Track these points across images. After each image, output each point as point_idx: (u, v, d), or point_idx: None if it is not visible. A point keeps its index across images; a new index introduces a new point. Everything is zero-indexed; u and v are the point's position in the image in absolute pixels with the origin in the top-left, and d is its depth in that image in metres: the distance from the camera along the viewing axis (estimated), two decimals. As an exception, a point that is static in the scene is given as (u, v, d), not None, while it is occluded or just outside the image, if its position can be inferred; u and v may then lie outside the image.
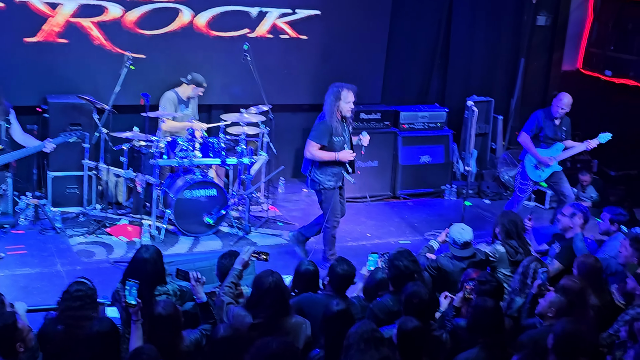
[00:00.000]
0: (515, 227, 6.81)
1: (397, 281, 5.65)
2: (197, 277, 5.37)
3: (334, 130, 7.72)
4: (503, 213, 7.12)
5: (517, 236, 6.79)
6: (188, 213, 8.61)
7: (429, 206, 10.45)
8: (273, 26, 10.24)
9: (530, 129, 8.96)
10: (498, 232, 6.83)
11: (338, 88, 7.74)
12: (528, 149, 8.94)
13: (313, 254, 8.06)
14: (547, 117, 8.91)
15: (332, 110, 7.71)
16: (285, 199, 10.32)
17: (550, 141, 8.93)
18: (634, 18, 11.51)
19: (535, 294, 5.76)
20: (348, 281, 5.65)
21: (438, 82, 11.70)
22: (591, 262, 5.97)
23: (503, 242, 6.76)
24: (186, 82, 9.31)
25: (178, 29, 9.77)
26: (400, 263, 5.68)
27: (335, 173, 7.82)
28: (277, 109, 9.76)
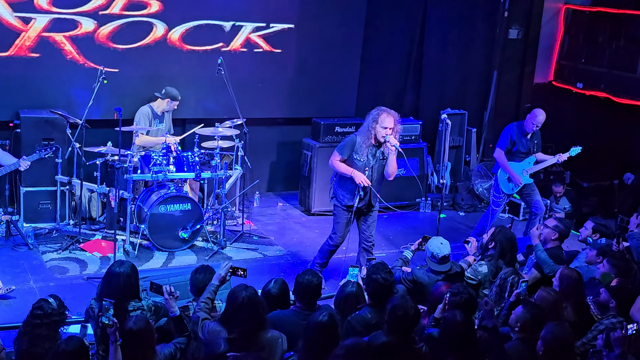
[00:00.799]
0: (511, 246, 6.70)
1: (375, 294, 5.64)
2: (170, 290, 5.33)
3: (358, 147, 7.45)
4: (500, 230, 6.86)
5: (510, 256, 6.70)
6: (162, 228, 8.55)
7: (404, 219, 10.46)
8: (247, 40, 10.24)
9: (504, 144, 9.03)
10: (492, 248, 6.69)
11: (379, 110, 7.43)
12: (503, 165, 9.02)
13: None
14: (520, 132, 8.99)
15: (366, 130, 7.44)
16: (260, 212, 10.29)
17: (523, 155, 9.02)
18: (603, 31, 11.65)
19: (512, 302, 5.79)
20: (312, 290, 5.54)
21: (412, 95, 11.75)
22: (573, 275, 6.00)
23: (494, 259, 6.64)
24: (161, 96, 9.28)
25: (152, 43, 9.74)
26: (378, 276, 5.67)
27: (351, 190, 7.56)
28: (251, 123, 9.75)
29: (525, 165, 9.02)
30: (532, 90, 12.37)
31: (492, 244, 6.69)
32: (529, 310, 5.29)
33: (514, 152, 9.01)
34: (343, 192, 7.62)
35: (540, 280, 6.79)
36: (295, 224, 10.03)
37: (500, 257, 6.68)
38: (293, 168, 10.93)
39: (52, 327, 4.97)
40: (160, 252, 8.58)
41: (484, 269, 6.60)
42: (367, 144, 7.44)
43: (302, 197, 10.55)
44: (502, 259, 6.67)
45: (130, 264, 5.51)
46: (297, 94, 10.77)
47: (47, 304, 5.02)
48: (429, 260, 6.54)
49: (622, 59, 11.34)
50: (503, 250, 6.68)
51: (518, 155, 9.01)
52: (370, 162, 7.50)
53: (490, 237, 6.74)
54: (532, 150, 9.06)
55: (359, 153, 7.47)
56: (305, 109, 10.83)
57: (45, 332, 4.90)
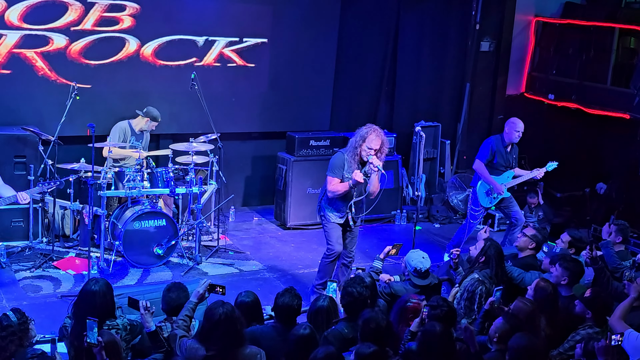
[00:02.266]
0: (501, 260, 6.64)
1: (351, 308, 5.61)
2: (146, 305, 5.29)
3: (347, 165, 7.43)
4: (491, 244, 6.71)
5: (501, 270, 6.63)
6: (137, 244, 8.48)
7: (379, 231, 10.47)
8: (220, 55, 10.22)
9: (484, 155, 9.04)
10: (482, 262, 6.61)
11: (369, 129, 7.41)
12: (483, 176, 9.02)
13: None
14: (500, 144, 9.02)
15: (353, 147, 7.43)
16: (236, 227, 10.25)
17: (502, 168, 9.05)
18: (574, 43, 11.78)
19: (487, 310, 5.78)
20: (290, 312, 5.50)
21: (386, 108, 11.78)
22: (548, 288, 6.01)
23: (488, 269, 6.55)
24: (142, 114, 9.21)
25: (124, 58, 9.69)
26: (353, 290, 5.65)
27: (340, 210, 7.57)
28: (225, 137, 9.73)
29: (504, 179, 9.05)
30: (504, 101, 12.46)
31: (482, 258, 6.66)
32: (508, 321, 5.29)
33: (494, 165, 9.02)
34: (333, 211, 7.59)
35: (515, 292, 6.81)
36: (271, 238, 10.00)
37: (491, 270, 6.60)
38: (268, 182, 10.90)
39: (11, 341, 4.91)
40: (135, 269, 8.50)
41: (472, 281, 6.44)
42: (354, 162, 7.44)
43: (277, 212, 10.52)
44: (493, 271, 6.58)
45: (105, 282, 5.44)
46: (271, 108, 10.76)
47: (6, 318, 4.97)
48: (411, 275, 6.51)
49: (592, 70, 11.46)
50: (494, 263, 6.60)
51: (497, 168, 9.02)
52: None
53: (482, 251, 6.69)
54: (510, 163, 9.09)
55: (350, 171, 7.44)
56: (279, 123, 10.82)
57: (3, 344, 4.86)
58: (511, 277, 6.79)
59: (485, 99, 12.42)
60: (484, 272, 6.52)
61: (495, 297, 5.84)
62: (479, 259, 6.65)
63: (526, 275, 6.77)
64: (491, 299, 5.84)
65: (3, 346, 4.88)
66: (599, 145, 11.32)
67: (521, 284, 6.75)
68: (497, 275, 6.55)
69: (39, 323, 5.39)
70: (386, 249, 6.95)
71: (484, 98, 12.39)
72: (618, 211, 10.51)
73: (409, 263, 6.53)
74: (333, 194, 7.50)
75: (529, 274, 6.77)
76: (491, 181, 8.97)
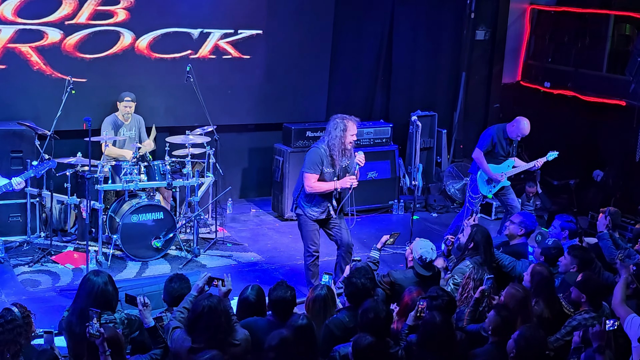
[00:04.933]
0: (489, 245, 6.68)
1: (353, 298, 5.64)
2: (144, 301, 5.31)
3: (326, 159, 7.42)
4: (477, 229, 6.76)
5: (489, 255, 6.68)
6: (135, 237, 8.50)
7: (377, 221, 10.49)
8: (215, 47, 10.22)
9: (484, 145, 9.00)
10: (471, 248, 6.65)
11: (343, 119, 7.39)
12: (481, 165, 9.01)
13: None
14: (501, 136, 8.95)
15: (336, 142, 7.38)
16: (233, 219, 10.26)
17: (502, 158, 9.03)
18: (569, 30, 11.79)
19: (477, 298, 5.80)
20: (285, 304, 5.49)
21: (382, 98, 11.79)
22: (544, 272, 6.04)
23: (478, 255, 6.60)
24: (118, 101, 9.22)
25: (119, 52, 9.68)
26: (357, 280, 5.67)
27: (320, 204, 7.54)
28: (222, 130, 9.73)
29: (504, 168, 9.02)
30: (500, 90, 12.48)
31: (471, 244, 6.69)
32: (499, 313, 5.31)
33: (494, 154, 9.00)
34: (311, 207, 7.55)
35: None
36: (268, 229, 10.02)
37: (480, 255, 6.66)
38: (265, 174, 10.91)
39: (15, 333, 4.93)
40: (134, 262, 8.52)
41: (467, 270, 6.49)
42: (339, 155, 7.43)
43: (274, 203, 10.54)
44: (482, 257, 6.64)
45: (107, 274, 5.46)
46: (267, 99, 10.76)
47: (9, 312, 5.00)
48: (416, 263, 6.51)
49: (588, 57, 11.47)
50: (482, 249, 6.65)
51: (497, 158, 9.00)
52: (338, 172, 7.51)
53: (470, 238, 6.72)
54: (510, 153, 9.07)
55: (328, 165, 7.46)
56: (275, 114, 10.82)
57: (9, 337, 4.88)
58: (502, 265, 6.82)
59: (481, 88, 12.43)
60: (475, 259, 6.55)
61: (487, 286, 5.85)
62: (467, 245, 6.69)
63: (517, 264, 6.79)
64: (482, 287, 5.85)
65: (11, 339, 4.88)
66: (596, 133, 11.34)
67: (512, 272, 6.78)
68: (486, 261, 6.59)
69: (39, 317, 5.42)
70: (383, 239, 6.96)
71: (479, 87, 12.40)
72: (615, 198, 10.53)
73: (416, 251, 6.52)
74: (314, 191, 7.46)
75: (520, 263, 6.80)
76: (488, 171, 8.96)
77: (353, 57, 11.37)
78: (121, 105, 9.23)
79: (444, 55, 12.06)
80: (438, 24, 11.87)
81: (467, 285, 6.17)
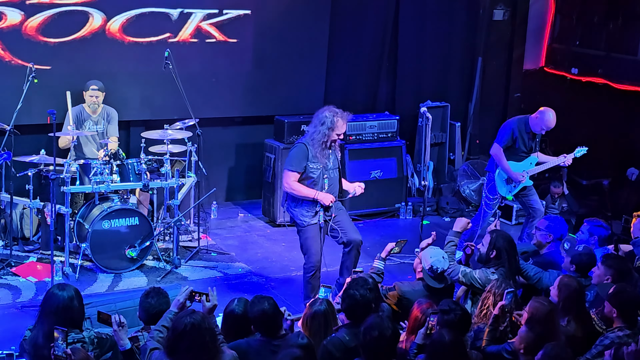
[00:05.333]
0: (514, 252, 6.67)
1: (353, 312, 5.64)
2: (119, 321, 5.30)
3: (312, 156, 7.53)
4: (498, 235, 6.74)
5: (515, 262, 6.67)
6: (107, 246, 8.50)
7: (382, 227, 10.49)
8: (197, 29, 10.22)
9: (503, 140, 8.98)
10: (493, 257, 6.63)
11: (333, 116, 7.49)
12: (500, 163, 8.99)
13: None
14: (523, 129, 8.94)
15: (318, 137, 7.52)
16: (218, 225, 10.27)
17: (524, 155, 9.02)
18: (599, 9, 11.76)
19: (496, 315, 5.79)
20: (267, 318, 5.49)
21: (387, 87, 11.79)
22: (573, 284, 6.03)
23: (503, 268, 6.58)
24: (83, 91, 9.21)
25: (88, 35, 9.68)
26: (355, 292, 5.67)
27: (309, 207, 7.59)
28: (205, 123, 9.73)
29: (526, 165, 9.01)
30: (521, 77, 12.48)
31: (492, 253, 6.65)
32: (532, 329, 5.29)
33: (514, 150, 8.99)
34: (302, 211, 7.62)
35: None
36: (259, 237, 10.02)
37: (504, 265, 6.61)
38: (255, 173, 10.91)
39: None
40: (105, 274, 8.53)
41: (495, 277, 6.47)
42: (320, 150, 7.55)
43: (265, 207, 10.54)
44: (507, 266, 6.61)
45: (73, 288, 5.46)
46: (257, 89, 10.76)
47: None
48: (425, 274, 6.51)
49: (620, 40, 11.46)
50: (507, 257, 6.61)
51: (518, 154, 8.98)
52: (327, 167, 7.61)
53: (490, 245, 6.69)
54: (533, 149, 9.07)
55: (314, 162, 7.55)
56: (266, 106, 10.82)
57: None
58: (526, 277, 6.81)
59: (500, 75, 12.43)
60: (500, 271, 6.53)
61: (507, 301, 5.83)
62: (489, 254, 6.65)
63: (544, 275, 6.77)
64: (501, 302, 5.83)
65: None
66: (630, 125, 11.33)
67: (537, 284, 6.76)
68: (511, 270, 6.57)
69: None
70: (388, 247, 6.96)
71: (498, 74, 12.40)
72: (652, 199, 10.54)
73: (425, 260, 6.51)
74: (292, 192, 7.56)
75: (547, 274, 6.78)
76: (508, 170, 8.94)
77: (354, 41, 11.36)
78: (87, 95, 9.23)
79: (457, 38, 12.06)
80: (450, 3, 11.88)
81: (487, 299, 6.15)
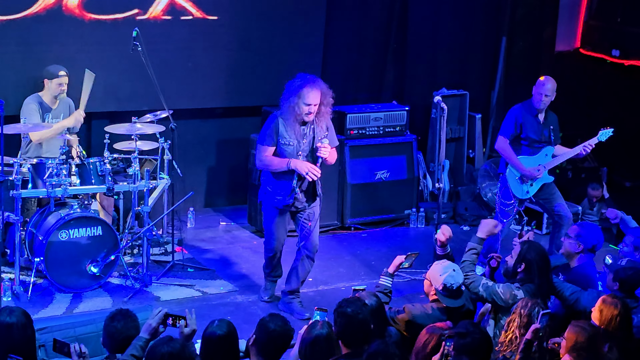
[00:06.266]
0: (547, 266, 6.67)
1: (347, 335, 5.61)
2: (80, 351, 5.30)
3: (283, 130, 7.82)
4: (529, 247, 6.73)
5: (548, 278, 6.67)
6: (65, 261, 8.49)
7: (389, 238, 10.50)
8: (171, 4, 10.22)
9: (507, 130, 8.98)
10: (521, 271, 6.63)
11: (302, 81, 7.83)
12: (508, 157, 8.97)
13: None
14: (528, 112, 8.94)
15: (288, 107, 7.83)
16: (196, 236, 10.29)
17: (536, 145, 8.99)
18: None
19: (529, 340, 5.78)
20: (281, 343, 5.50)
21: (394, 73, 11.81)
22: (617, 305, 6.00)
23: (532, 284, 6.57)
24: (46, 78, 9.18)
25: (41, 11, 9.67)
26: (348, 309, 5.65)
27: (286, 186, 7.84)
28: (180, 116, 9.75)
29: (542, 158, 8.98)
30: (553, 61, 12.50)
31: (521, 267, 6.65)
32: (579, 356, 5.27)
33: (524, 140, 8.96)
34: (276, 189, 7.91)
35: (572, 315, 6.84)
36: (243, 249, 10.04)
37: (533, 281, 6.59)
38: (238, 175, 10.91)
39: None
40: (63, 294, 8.52)
41: (520, 294, 6.49)
42: (292, 124, 7.82)
43: (251, 214, 10.53)
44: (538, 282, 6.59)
45: (22, 312, 5.45)
46: (241, 75, 10.76)
47: None
48: (440, 295, 6.51)
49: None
50: (537, 272, 6.59)
51: (530, 145, 8.97)
52: (301, 145, 7.81)
53: (519, 258, 6.69)
54: (546, 137, 9.00)
55: (285, 137, 7.81)
56: (252, 95, 10.82)
57: None
58: (562, 297, 6.79)
59: (528, 58, 12.46)
60: (526, 287, 6.53)
61: (541, 324, 5.83)
62: (516, 268, 6.65)
63: (582, 296, 6.74)
64: (535, 325, 5.83)
65: None
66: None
67: (575, 306, 6.73)
68: (541, 287, 6.57)
69: None
70: (397, 261, 6.96)
71: (526, 57, 12.44)
72: None
73: (435, 280, 6.52)
74: (265, 166, 7.89)
75: (586, 294, 6.75)
76: (519, 165, 8.91)
77: (356, 17, 11.39)
78: (53, 84, 9.17)
79: (477, 16, 12.10)
80: (469, -26, 11.93)
81: (512, 322, 6.14)
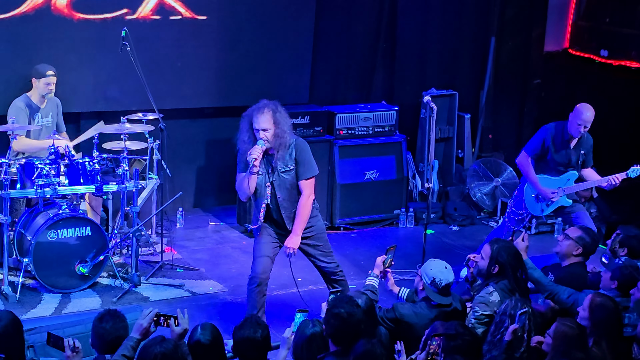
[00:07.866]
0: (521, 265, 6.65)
1: (339, 335, 5.62)
2: (73, 345, 5.32)
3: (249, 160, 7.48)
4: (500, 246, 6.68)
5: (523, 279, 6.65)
6: (53, 261, 8.48)
7: (378, 237, 10.51)
8: (160, 4, 10.21)
9: (533, 148, 8.84)
10: (495, 274, 6.59)
11: (252, 108, 7.47)
12: (525, 174, 8.88)
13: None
14: (560, 135, 8.74)
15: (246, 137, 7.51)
16: (185, 236, 10.29)
17: (560, 168, 8.83)
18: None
19: (509, 341, 5.77)
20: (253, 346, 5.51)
21: (384, 73, 11.81)
22: (608, 304, 6.02)
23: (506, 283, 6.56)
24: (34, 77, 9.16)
25: (30, 11, 9.66)
26: (340, 310, 5.66)
27: (257, 205, 7.66)
28: (170, 116, 9.74)
29: (562, 182, 8.79)
30: (542, 61, 12.51)
31: (495, 268, 6.65)
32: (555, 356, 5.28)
33: (547, 162, 8.83)
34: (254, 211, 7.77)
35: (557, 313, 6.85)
36: (233, 249, 10.04)
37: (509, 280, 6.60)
38: (228, 175, 10.81)
39: None
40: (51, 294, 8.52)
41: (495, 297, 6.48)
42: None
43: (240, 214, 10.54)
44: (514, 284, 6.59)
45: (9, 314, 5.46)
46: (231, 75, 10.76)
47: None
48: (428, 290, 6.51)
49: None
50: (510, 273, 6.59)
51: (553, 167, 8.82)
52: (269, 175, 7.54)
53: (491, 260, 6.68)
54: (574, 163, 8.82)
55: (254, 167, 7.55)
56: (241, 95, 10.78)
57: None
58: (558, 301, 6.78)
59: (517, 58, 12.46)
60: (501, 284, 6.53)
61: (520, 323, 5.82)
62: (491, 270, 6.62)
63: (580, 297, 6.72)
64: (514, 326, 5.82)
65: None
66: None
67: (572, 309, 6.72)
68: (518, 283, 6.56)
69: None
70: (378, 261, 6.95)
71: (515, 57, 12.44)
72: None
73: (425, 274, 6.52)
74: (242, 193, 7.61)
75: (583, 295, 6.74)
76: (535, 184, 8.80)
77: (345, 18, 11.39)
78: (41, 83, 9.16)
79: (467, 16, 12.09)
80: (458, -27, 11.93)
81: (502, 323, 6.15)
